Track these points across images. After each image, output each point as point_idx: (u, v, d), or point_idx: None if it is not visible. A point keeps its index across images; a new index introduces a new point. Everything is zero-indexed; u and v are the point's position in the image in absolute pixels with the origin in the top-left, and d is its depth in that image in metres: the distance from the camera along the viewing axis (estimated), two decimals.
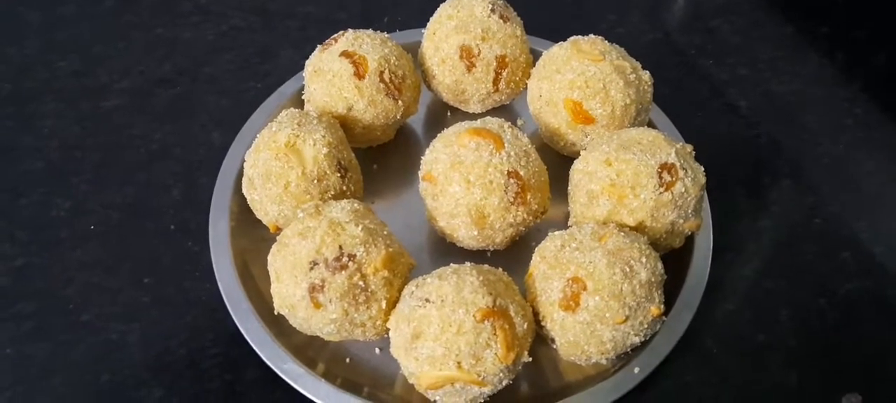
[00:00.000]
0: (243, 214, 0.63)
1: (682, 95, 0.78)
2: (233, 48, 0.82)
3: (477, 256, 0.63)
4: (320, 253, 0.52)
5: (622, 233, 0.55)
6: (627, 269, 0.52)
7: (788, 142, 0.76)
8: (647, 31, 0.86)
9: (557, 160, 0.67)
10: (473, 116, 0.73)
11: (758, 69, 0.82)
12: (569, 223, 0.62)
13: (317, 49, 0.67)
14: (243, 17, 0.85)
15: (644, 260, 0.53)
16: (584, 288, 0.52)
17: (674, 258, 0.60)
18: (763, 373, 0.59)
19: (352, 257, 0.52)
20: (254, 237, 0.62)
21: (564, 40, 0.67)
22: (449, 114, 0.75)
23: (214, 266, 0.60)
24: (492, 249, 0.62)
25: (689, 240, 0.62)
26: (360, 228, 0.53)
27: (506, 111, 0.75)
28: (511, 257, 0.62)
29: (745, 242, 0.67)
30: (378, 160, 0.70)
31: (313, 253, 0.52)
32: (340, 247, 0.52)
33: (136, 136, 0.73)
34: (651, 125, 0.70)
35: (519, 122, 0.74)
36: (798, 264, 0.66)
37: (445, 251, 0.63)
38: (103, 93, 0.76)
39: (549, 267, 0.54)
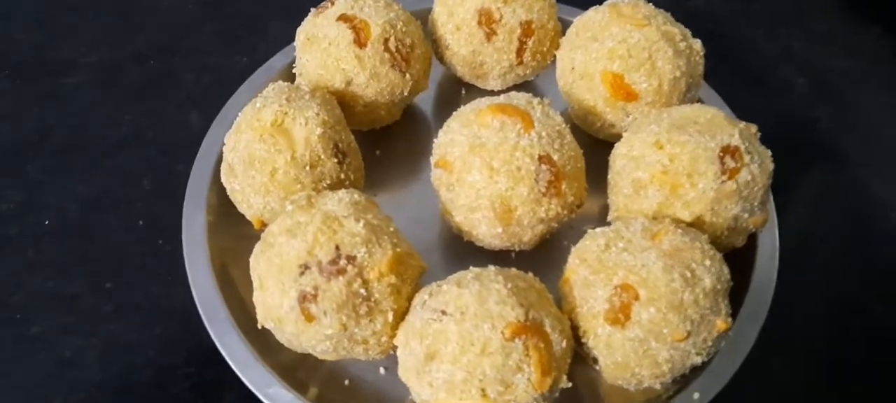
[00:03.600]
0: (224, 207, 0.55)
1: (729, 70, 0.69)
2: (215, 18, 0.75)
3: (499, 257, 0.54)
4: (313, 255, 0.43)
5: (679, 231, 0.46)
6: (688, 274, 0.44)
7: (854, 126, 0.67)
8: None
9: (591, 144, 0.59)
10: (492, 94, 0.64)
11: (813, 41, 0.73)
12: (608, 217, 0.54)
13: (310, 13, 0.58)
14: None
15: (708, 263, 0.45)
16: (636, 298, 0.43)
17: (733, 260, 0.51)
18: (841, 398, 0.50)
19: (351, 259, 0.43)
20: (235, 234, 0.55)
21: (587, 6, 0.59)
22: (464, 91, 0.67)
23: (188, 269, 0.52)
24: (517, 249, 0.53)
25: (751, 239, 0.53)
26: (361, 224, 0.44)
27: (528, 89, 0.66)
28: (540, 258, 0.54)
29: (813, 241, 0.59)
30: (381, 144, 0.63)
31: (304, 254, 0.44)
32: (337, 248, 0.44)
33: (102, 118, 0.66)
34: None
35: (544, 100, 0.65)
36: (876, 267, 0.57)
37: (462, 251, 0.55)
38: (67, 69, 0.70)
39: (591, 271, 0.45)
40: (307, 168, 0.49)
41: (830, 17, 0.77)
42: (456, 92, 0.66)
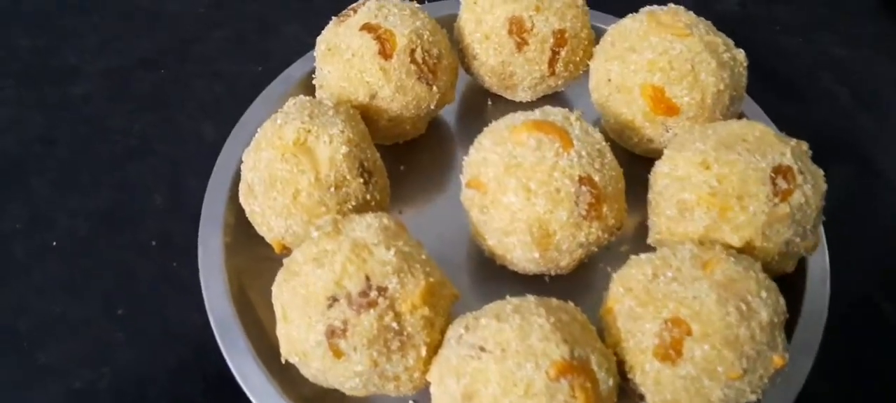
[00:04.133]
0: (241, 226, 0.52)
1: (767, 80, 0.66)
2: (226, 22, 0.72)
3: (533, 280, 0.52)
4: (341, 286, 0.41)
5: (732, 259, 0.43)
6: (743, 307, 0.41)
7: None
8: (720, 3, 0.74)
9: (626, 159, 0.56)
10: (521, 106, 0.61)
11: (856, 47, 0.70)
12: (649, 239, 0.51)
13: (331, 22, 0.55)
14: None
15: (764, 294, 0.42)
16: (688, 333, 0.41)
17: (781, 286, 0.48)
18: None
19: (382, 291, 0.41)
20: (254, 255, 0.52)
21: (620, 14, 0.57)
22: (490, 102, 0.64)
23: (205, 293, 0.49)
24: (553, 273, 0.51)
25: (800, 263, 0.50)
26: (391, 252, 0.42)
27: (557, 100, 0.64)
28: (575, 281, 0.52)
29: (864, 265, 0.55)
30: (404, 159, 0.60)
31: (332, 285, 0.41)
32: (367, 278, 0.41)
33: (110, 129, 0.63)
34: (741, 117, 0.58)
35: (575, 113, 0.62)
36: None
37: (492, 273, 0.53)
38: (72, 76, 0.67)
39: (638, 303, 0.43)
40: (332, 189, 0.47)
41: (869, 19, 0.74)
42: (482, 102, 0.63)
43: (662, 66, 0.52)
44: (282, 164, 0.47)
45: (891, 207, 0.60)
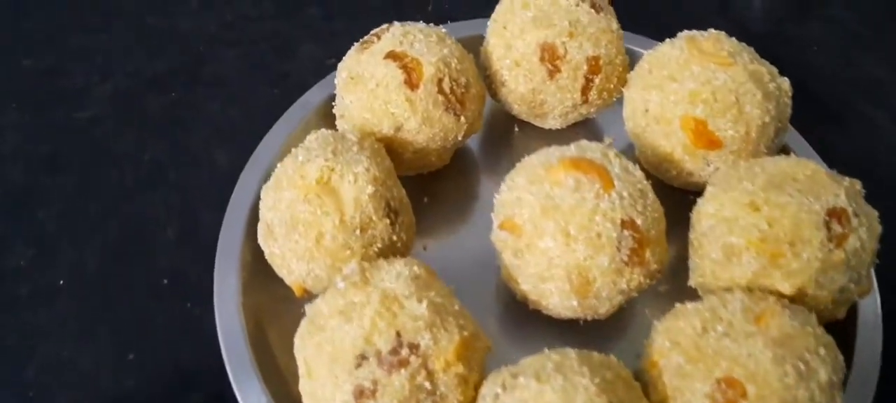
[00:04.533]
0: (259, 263, 0.50)
1: (807, 105, 0.63)
2: (240, 41, 0.70)
3: (566, 323, 0.49)
4: (371, 343, 0.38)
5: (788, 312, 0.41)
6: (802, 367, 0.39)
7: None
8: (753, 22, 0.71)
9: (661, 188, 0.53)
10: (550, 134, 0.58)
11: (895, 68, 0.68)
12: (690, 281, 0.48)
13: (353, 48, 0.53)
14: (254, 4, 0.73)
15: (822, 351, 0.40)
16: (743, 395, 0.38)
17: (831, 332, 0.46)
18: None
19: (414, 348, 0.38)
20: (273, 293, 0.50)
21: (653, 35, 0.53)
22: (516, 128, 0.61)
23: (221, 340, 0.47)
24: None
25: (851, 308, 0.48)
26: (423, 305, 0.40)
27: (586, 125, 0.61)
28: (610, 322, 0.49)
29: None
30: (428, 189, 0.57)
31: (361, 342, 0.39)
32: (398, 334, 0.39)
33: (120, 157, 0.60)
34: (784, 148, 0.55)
35: (605, 141, 0.60)
36: None
37: (521, 315, 0.50)
38: (80, 100, 0.64)
39: (687, 359, 0.40)
40: (357, 232, 0.44)
41: None
42: (508, 129, 0.61)
43: (705, 98, 0.49)
44: (304, 206, 0.44)
45: None
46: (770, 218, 0.44)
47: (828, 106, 0.66)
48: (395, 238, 0.47)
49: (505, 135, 0.61)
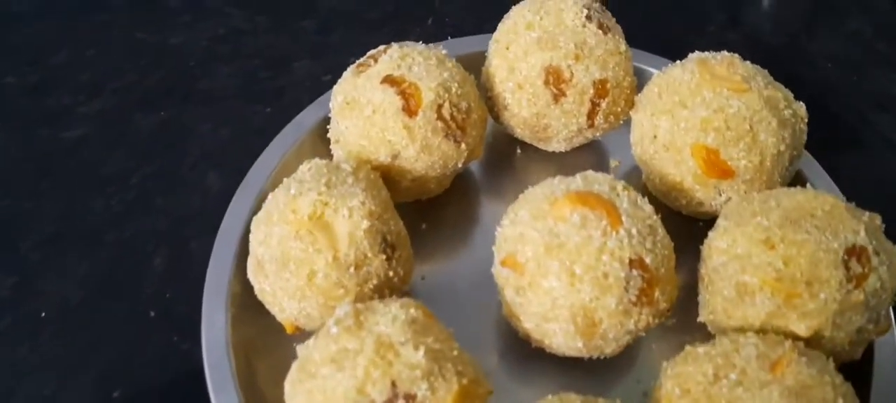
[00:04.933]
0: (249, 295, 0.48)
1: (821, 125, 0.61)
2: (233, 57, 0.68)
3: (570, 360, 0.47)
4: (364, 393, 0.37)
5: (804, 359, 0.39)
6: None
7: None
8: (767, 35, 0.69)
9: (669, 215, 0.52)
10: (553, 156, 0.57)
11: None
12: (700, 317, 0.47)
13: (348, 70, 0.51)
14: (247, 17, 0.71)
15: (841, 402, 0.37)
16: None
17: (843, 374, 0.44)
18: None
19: (410, 399, 0.37)
20: (263, 326, 0.48)
21: (664, 52, 0.51)
22: (519, 151, 0.59)
23: (208, 380, 0.44)
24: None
25: (867, 347, 0.46)
26: (420, 352, 0.38)
27: (592, 147, 0.59)
28: (618, 358, 0.47)
29: None
30: (426, 216, 0.56)
31: (354, 392, 0.37)
32: (394, 384, 0.37)
33: (106, 180, 0.58)
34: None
35: (612, 163, 0.59)
36: None
37: (524, 351, 0.48)
38: (64, 119, 0.62)
39: None
40: (351, 269, 0.42)
41: None
42: (511, 151, 0.59)
43: (717, 126, 0.47)
44: (296, 242, 0.42)
45: None
46: (786, 256, 0.42)
47: (843, 125, 0.64)
48: (391, 273, 0.45)
49: (507, 158, 0.59)
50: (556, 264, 0.42)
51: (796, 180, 0.53)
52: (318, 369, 0.39)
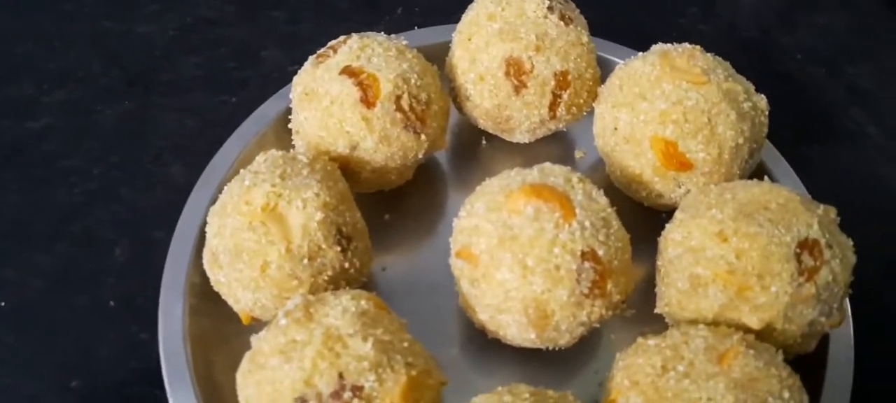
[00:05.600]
0: (208, 286, 0.48)
1: (787, 117, 0.62)
2: (201, 46, 0.68)
3: (528, 351, 0.47)
4: (311, 385, 0.37)
5: (752, 352, 0.40)
6: None
7: None
8: (739, 28, 0.70)
9: (632, 206, 0.53)
10: (518, 147, 0.57)
11: (885, 80, 0.66)
12: (657, 308, 0.47)
13: (308, 61, 0.51)
14: (215, 6, 0.71)
15: (787, 395, 0.39)
16: None
17: (798, 366, 0.44)
18: None
19: (357, 390, 0.37)
20: (222, 315, 0.48)
21: (633, 43, 0.53)
22: (484, 141, 0.60)
23: (164, 371, 0.45)
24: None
25: (822, 339, 0.46)
26: (369, 344, 0.38)
27: (558, 138, 0.59)
28: (575, 349, 0.47)
29: (889, 337, 0.52)
30: (390, 206, 0.56)
31: (301, 384, 0.37)
32: (341, 375, 0.37)
33: (69, 171, 0.59)
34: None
35: (577, 154, 0.59)
36: None
37: (484, 341, 0.49)
38: (27, 110, 0.62)
39: (645, 400, 0.39)
40: (305, 261, 0.43)
41: None
42: (476, 142, 0.59)
43: (676, 118, 0.48)
44: (249, 234, 0.43)
45: None
46: (738, 249, 0.43)
47: (815, 118, 0.64)
48: (347, 265, 0.45)
49: (473, 149, 0.59)
50: (508, 256, 0.42)
51: (759, 173, 0.53)
52: (267, 360, 0.39)
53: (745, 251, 0.42)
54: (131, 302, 0.51)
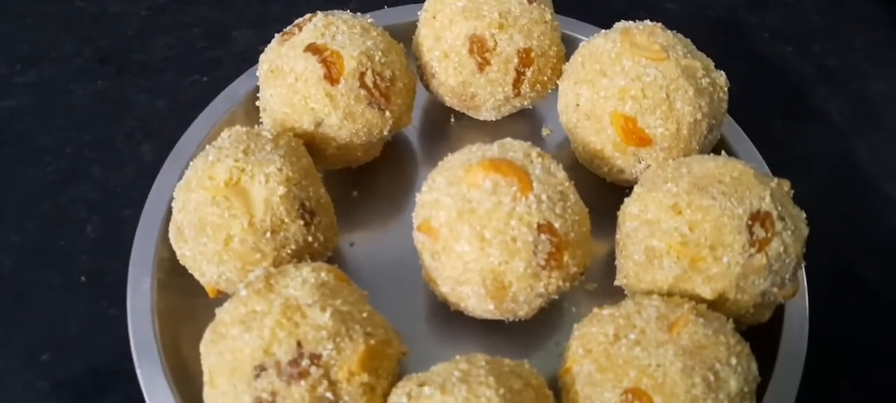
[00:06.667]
0: (176, 263, 0.49)
1: (754, 95, 0.63)
2: (172, 26, 0.68)
3: (492, 323, 0.49)
4: (270, 354, 0.38)
5: (701, 320, 0.41)
6: (711, 377, 0.39)
7: None
8: (706, 7, 0.70)
9: (598, 184, 0.54)
10: (486, 124, 0.58)
11: (851, 59, 0.67)
12: (616, 281, 0.49)
13: (274, 39, 0.52)
14: None
15: (734, 361, 0.40)
16: None
17: (754, 335, 0.46)
18: None
19: (315, 358, 0.38)
20: (190, 289, 0.49)
21: (601, 21, 0.54)
22: (453, 119, 0.61)
23: (132, 344, 0.46)
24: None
25: (777, 310, 0.48)
26: (327, 314, 0.39)
27: (526, 115, 0.60)
28: (537, 321, 0.49)
29: (851, 309, 0.53)
30: (359, 183, 0.57)
31: (260, 353, 0.38)
32: (299, 344, 0.38)
33: (42, 150, 0.59)
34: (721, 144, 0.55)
35: (544, 131, 0.60)
36: None
37: (449, 315, 0.50)
38: (1, 89, 0.62)
39: (597, 368, 0.40)
40: (268, 234, 0.44)
41: (872, 29, 0.70)
42: (444, 118, 0.60)
43: (634, 94, 0.49)
44: (212, 208, 0.43)
45: (890, 235, 0.57)
46: (691, 221, 0.44)
47: (782, 96, 0.65)
48: (311, 239, 0.46)
49: (441, 126, 0.60)
50: (466, 229, 0.43)
51: (721, 149, 0.54)
52: (228, 330, 0.40)
53: (698, 223, 0.43)
54: (102, 279, 0.52)
